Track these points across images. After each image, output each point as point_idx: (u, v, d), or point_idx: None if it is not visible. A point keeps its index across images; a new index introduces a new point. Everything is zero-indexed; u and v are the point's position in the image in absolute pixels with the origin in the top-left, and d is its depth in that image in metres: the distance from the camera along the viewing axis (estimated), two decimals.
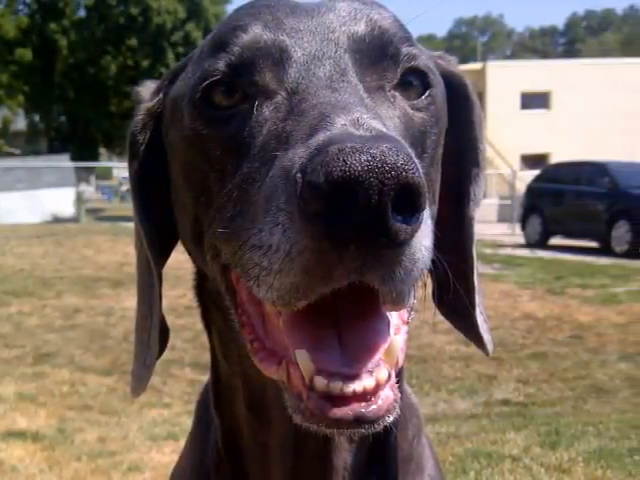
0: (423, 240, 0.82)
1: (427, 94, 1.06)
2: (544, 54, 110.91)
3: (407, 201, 0.76)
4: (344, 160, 0.74)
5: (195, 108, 1.02)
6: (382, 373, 0.86)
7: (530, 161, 34.33)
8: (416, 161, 0.78)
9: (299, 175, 0.77)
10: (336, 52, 0.97)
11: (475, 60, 53.55)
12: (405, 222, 0.76)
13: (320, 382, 0.85)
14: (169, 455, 4.44)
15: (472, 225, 1.24)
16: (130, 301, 8.64)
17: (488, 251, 15.39)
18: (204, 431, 1.29)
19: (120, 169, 48.02)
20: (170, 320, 1.30)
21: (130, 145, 1.18)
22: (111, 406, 5.55)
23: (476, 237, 1.26)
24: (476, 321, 1.24)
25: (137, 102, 1.20)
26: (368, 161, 0.74)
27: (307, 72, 0.95)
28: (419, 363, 6.62)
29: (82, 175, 34.11)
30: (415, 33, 1.10)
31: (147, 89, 1.21)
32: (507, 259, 14.45)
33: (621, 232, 15.77)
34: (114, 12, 43.69)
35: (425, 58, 1.08)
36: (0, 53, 41.87)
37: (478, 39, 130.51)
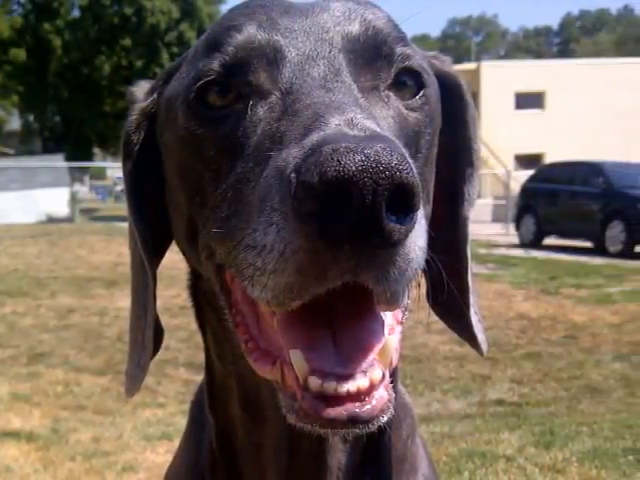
0: (417, 240, 0.82)
1: (421, 94, 1.06)
2: (538, 54, 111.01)
3: (401, 201, 0.76)
4: (338, 160, 0.74)
5: (189, 108, 1.02)
6: (376, 373, 0.86)
7: (524, 161, 34.35)
8: (410, 161, 0.78)
9: (293, 175, 0.77)
10: (330, 52, 0.97)
11: (469, 60, 53.52)
12: (399, 222, 0.76)
13: (314, 382, 0.85)
14: (163, 455, 4.43)
15: (466, 225, 1.25)
16: (124, 301, 8.63)
17: (482, 251, 15.41)
18: (198, 431, 1.29)
19: (114, 169, 47.90)
20: (164, 320, 1.29)
21: (124, 145, 1.18)
22: (105, 406, 5.54)
23: (470, 237, 1.26)
24: (470, 321, 1.24)
25: (131, 102, 1.20)
26: (362, 161, 0.74)
27: (301, 72, 0.95)
28: (413, 363, 6.62)
29: (76, 175, 34.10)
30: (409, 33, 1.10)
31: (141, 89, 1.21)
32: (501, 259, 14.47)
33: (615, 232, 15.81)
34: (108, 12, 43.65)
35: (419, 58, 1.08)
36: None
37: (472, 39, 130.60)
